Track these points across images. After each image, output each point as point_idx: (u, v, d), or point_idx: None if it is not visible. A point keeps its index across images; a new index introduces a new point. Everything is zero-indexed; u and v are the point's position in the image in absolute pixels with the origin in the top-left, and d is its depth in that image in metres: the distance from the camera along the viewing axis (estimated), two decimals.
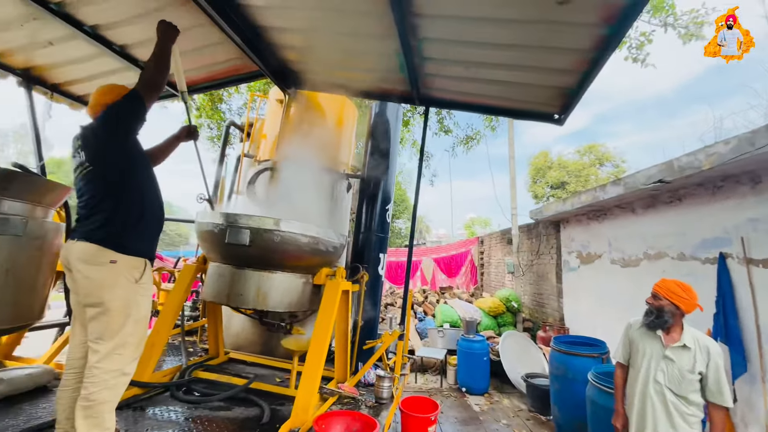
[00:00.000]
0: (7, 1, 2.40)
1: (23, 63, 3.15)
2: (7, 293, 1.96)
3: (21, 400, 2.18)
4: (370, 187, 3.88)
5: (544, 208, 7.12)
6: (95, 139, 1.80)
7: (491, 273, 10.94)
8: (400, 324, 3.43)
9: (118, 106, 1.83)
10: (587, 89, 2.69)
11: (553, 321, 6.97)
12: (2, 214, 1.91)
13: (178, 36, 2.13)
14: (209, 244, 2.55)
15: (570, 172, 23.18)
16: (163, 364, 3.08)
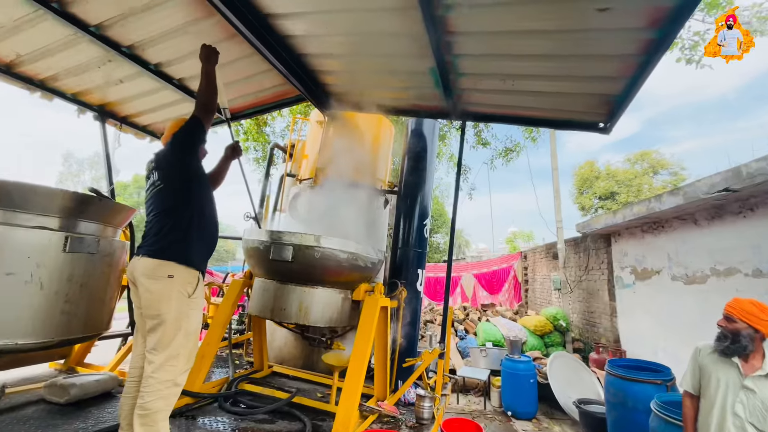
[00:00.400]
0: (90, 48, 2.76)
1: (99, 100, 3.57)
2: (82, 306, 2.18)
3: (90, 405, 2.38)
4: (407, 203, 3.90)
5: (592, 220, 6.73)
6: (165, 160, 2.06)
7: (536, 290, 10.42)
8: (440, 342, 3.35)
9: (181, 130, 2.11)
10: (635, 95, 2.55)
11: (607, 342, 6.46)
12: (79, 234, 2.15)
13: (218, 56, 2.34)
14: (255, 260, 2.68)
15: (620, 181, 21.78)
16: (212, 375, 3.23)
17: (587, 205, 22.73)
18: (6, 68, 2.96)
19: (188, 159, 2.07)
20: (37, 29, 2.58)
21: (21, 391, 2.46)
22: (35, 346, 1.96)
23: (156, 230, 1.91)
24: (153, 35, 2.69)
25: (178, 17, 2.53)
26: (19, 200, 1.94)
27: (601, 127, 3.06)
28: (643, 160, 22.37)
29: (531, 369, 5.33)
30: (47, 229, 2.01)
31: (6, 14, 2.44)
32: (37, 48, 2.77)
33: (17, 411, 2.19)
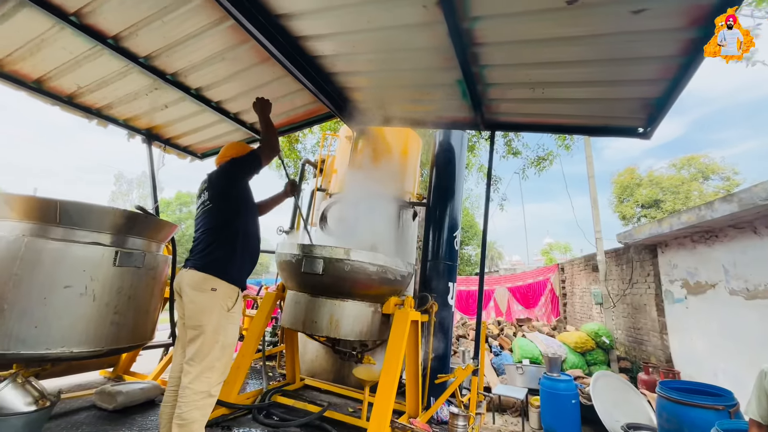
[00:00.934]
0: (139, 77, 3.00)
1: (146, 124, 3.86)
2: (129, 317, 2.31)
3: (134, 412, 2.50)
4: (436, 214, 3.87)
5: (635, 230, 6.34)
6: (217, 182, 2.19)
7: (575, 304, 9.89)
8: (474, 358, 3.24)
9: (241, 160, 2.25)
10: (677, 98, 2.42)
11: (657, 362, 5.98)
12: (127, 249, 2.31)
13: (271, 106, 2.53)
14: (287, 273, 2.74)
15: (665, 188, 20.45)
16: (246, 386, 3.30)
17: (629, 214, 21.47)
18: (68, 99, 3.27)
19: (239, 186, 2.22)
20: (94, 63, 2.85)
21: (75, 397, 2.63)
22: (87, 354, 2.10)
23: (203, 246, 2.03)
24: (194, 62, 2.89)
25: (216, 45, 2.71)
26: (77, 219, 2.12)
27: (640, 132, 2.92)
28: (690, 165, 20.92)
29: (572, 388, 5.01)
30: (100, 244, 2.18)
31: (69, 52, 2.71)
32: (95, 80, 3.05)
33: (71, 416, 2.34)
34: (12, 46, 2.63)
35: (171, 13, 2.39)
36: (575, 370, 6.36)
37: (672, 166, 21.64)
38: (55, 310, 1.97)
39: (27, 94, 3.08)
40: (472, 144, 9.90)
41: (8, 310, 1.87)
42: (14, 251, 1.93)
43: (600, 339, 6.86)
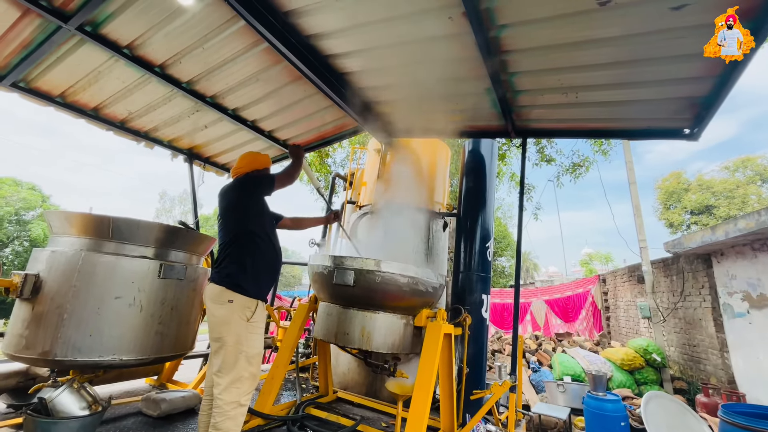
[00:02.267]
0: (182, 101, 3.22)
1: (188, 144, 4.11)
2: (173, 327, 2.43)
3: (176, 419, 2.59)
4: (467, 225, 3.80)
5: (685, 238, 5.90)
6: (230, 197, 2.23)
7: (619, 318, 9.27)
8: (511, 373, 3.10)
9: (255, 181, 2.28)
10: (727, 94, 2.26)
11: (718, 382, 5.45)
12: (171, 262, 2.44)
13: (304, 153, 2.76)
14: (319, 285, 2.78)
15: (717, 193, 18.98)
16: (280, 398, 3.34)
17: (676, 221, 20.06)
18: (121, 124, 3.56)
19: (249, 203, 2.22)
20: (143, 90, 3.09)
21: (123, 403, 2.77)
22: (135, 362, 2.22)
23: (220, 260, 2.10)
24: (231, 85, 3.07)
25: (251, 67, 2.86)
26: (127, 233, 2.27)
27: (687, 134, 2.75)
28: (745, 167, 19.33)
29: (621, 409, 4.66)
30: (146, 258, 2.32)
31: (122, 81, 2.96)
32: (143, 105, 3.30)
33: (119, 422, 2.47)
34: (74, 78, 2.91)
35: (211, 40, 2.56)
36: (623, 390, 5.92)
37: (725, 168, 20.11)
38: (107, 319, 2.11)
39: (86, 121, 3.38)
40: (503, 152, 9.71)
41: (67, 319, 2.02)
42: (74, 264, 2.10)
43: (650, 356, 6.37)
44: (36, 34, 2.46)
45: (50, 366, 2.11)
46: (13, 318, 2.13)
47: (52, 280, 2.10)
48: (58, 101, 3.14)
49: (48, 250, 2.19)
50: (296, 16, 2.35)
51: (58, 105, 3.16)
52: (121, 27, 2.44)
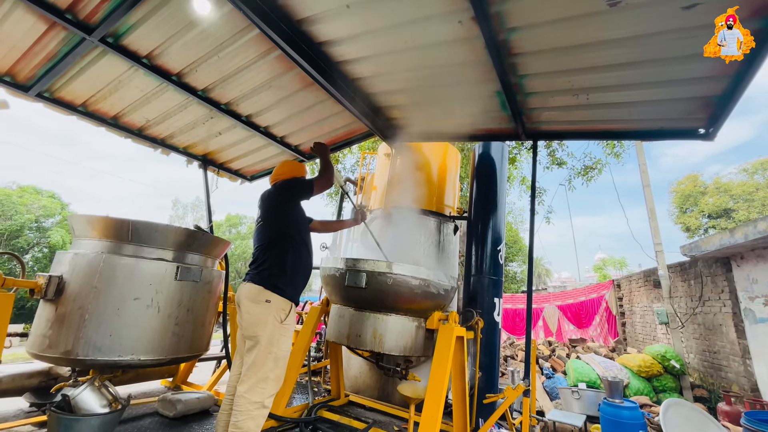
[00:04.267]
0: (198, 108, 3.31)
1: (202, 151, 4.20)
2: (188, 328, 2.48)
3: (191, 420, 2.63)
4: (478, 228, 3.79)
5: (703, 242, 5.76)
6: (270, 202, 2.32)
7: (635, 323, 9.06)
8: (525, 378, 3.06)
9: (294, 186, 2.37)
10: (743, 93, 2.23)
11: (741, 390, 5.27)
12: (187, 265, 2.49)
13: (329, 149, 2.73)
14: (331, 287, 2.80)
15: (735, 196, 18.51)
16: (292, 401, 3.36)
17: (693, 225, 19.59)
18: (138, 132, 3.67)
19: (288, 207, 2.32)
20: (161, 99, 3.19)
21: (140, 404, 2.83)
22: (152, 362, 2.27)
23: (259, 262, 2.16)
24: (245, 92, 3.14)
25: (264, 74, 2.93)
26: (145, 236, 2.34)
27: (702, 134, 2.71)
28: (765, 170, 18.82)
29: (639, 417, 4.53)
30: (164, 260, 2.37)
31: (141, 90, 3.06)
32: (160, 113, 3.40)
33: (137, 421, 2.52)
34: (96, 88, 3.02)
35: (226, 48, 2.63)
36: (641, 397, 5.78)
37: (743, 171, 19.61)
38: (126, 320, 2.16)
39: (106, 129, 3.50)
40: (513, 156, 9.66)
41: (89, 319, 2.08)
42: (95, 266, 2.16)
43: (668, 363, 6.20)
44: (61, 46, 2.57)
45: (72, 365, 2.17)
46: (37, 319, 2.20)
47: (75, 282, 2.16)
48: (80, 110, 3.26)
49: (71, 252, 2.27)
50: (308, 23, 2.41)
51: (80, 114, 3.28)
52: (141, 38, 2.54)
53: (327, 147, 2.70)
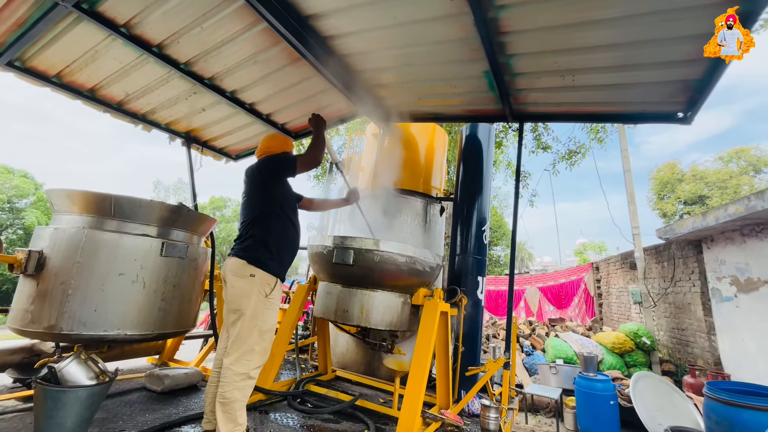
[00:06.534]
0: (180, 82, 3.20)
1: (186, 127, 4.09)
2: (174, 304, 2.48)
3: (179, 395, 2.67)
4: (464, 209, 3.85)
5: (677, 225, 6.01)
6: (253, 177, 2.28)
7: (612, 304, 9.47)
8: (506, 352, 3.20)
9: (278, 162, 2.30)
10: (720, 78, 2.31)
11: (705, 364, 5.63)
12: (172, 240, 2.47)
13: (326, 123, 2.62)
14: (319, 265, 2.83)
15: (710, 183, 19.21)
16: (280, 376, 3.42)
17: (670, 211, 20.31)
18: (118, 106, 3.54)
19: (271, 184, 2.27)
20: (141, 71, 3.07)
21: (127, 379, 2.84)
22: (139, 337, 2.27)
23: (243, 237, 2.15)
24: (229, 66, 3.05)
25: (249, 48, 2.84)
26: (129, 212, 2.30)
27: (680, 117, 2.80)
28: (739, 158, 19.54)
29: (610, 389, 4.81)
30: (148, 236, 2.35)
31: (119, 61, 2.94)
32: (141, 87, 3.28)
33: (125, 396, 2.53)
34: (71, 58, 2.88)
35: (209, 19, 2.54)
36: (613, 371, 6.10)
37: (719, 159, 20.30)
38: (111, 295, 2.15)
39: (82, 102, 3.36)
40: (500, 140, 9.73)
41: (72, 294, 2.06)
42: (77, 241, 2.13)
43: (640, 340, 6.55)
44: (32, 11, 2.43)
45: (56, 340, 2.16)
46: (17, 294, 2.17)
47: (56, 257, 2.13)
48: (54, 81, 3.12)
49: (51, 227, 2.22)
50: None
51: (54, 85, 3.13)
52: (118, 4, 2.42)
53: (323, 122, 2.60)
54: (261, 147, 2.42)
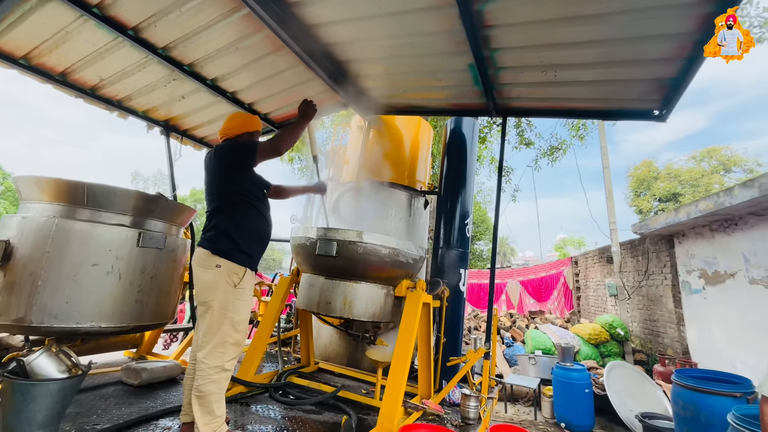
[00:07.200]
0: (158, 68, 3.09)
1: (164, 115, 3.97)
2: (152, 296, 2.42)
3: (158, 388, 2.61)
4: (447, 202, 3.88)
5: (651, 220, 6.23)
6: (215, 162, 2.14)
7: (589, 297, 9.77)
8: (486, 342, 3.26)
9: (234, 151, 2.11)
10: (693, 77, 2.39)
11: (674, 353, 5.89)
12: (149, 231, 2.40)
13: (315, 112, 2.38)
14: (302, 257, 2.81)
15: (684, 181, 19.94)
16: (262, 369, 3.40)
17: (645, 208, 21.01)
18: (91, 91, 3.40)
19: (230, 173, 2.11)
20: (115, 56, 2.95)
21: (102, 373, 2.76)
22: (114, 330, 2.21)
23: (208, 226, 2.07)
24: (209, 52, 2.96)
25: (230, 35, 2.76)
26: (103, 201, 2.22)
27: (656, 115, 2.88)
28: (711, 158, 20.33)
29: (585, 378, 4.99)
30: (124, 226, 2.28)
31: (92, 44, 2.81)
32: (116, 71, 3.15)
33: (99, 390, 2.47)
34: (39, 39, 2.74)
35: (188, 3, 2.45)
36: (589, 361, 6.31)
37: (692, 158, 21.07)
38: (84, 286, 2.08)
39: (53, 87, 3.21)
40: (484, 136, 9.83)
41: (42, 286, 1.99)
42: (46, 231, 2.04)
43: (614, 331, 6.79)
44: None
45: (26, 332, 2.08)
46: None
47: (24, 247, 2.04)
48: (22, 63, 2.96)
49: (18, 216, 2.12)
50: None
51: (22, 67, 2.97)
52: None
53: (313, 110, 2.35)
54: (222, 127, 2.24)
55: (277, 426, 2.23)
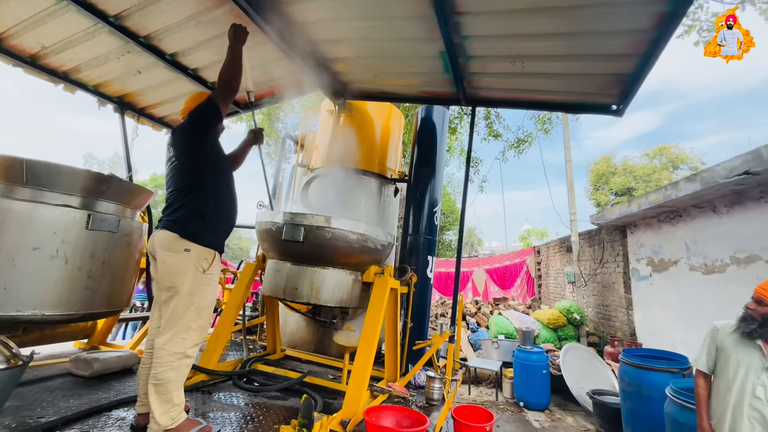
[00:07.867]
0: (110, 39, 2.85)
1: (118, 91, 3.69)
2: (104, 282, 2.27)
3: (111, 378, 2.48)
4: (417, 190, 3.92)
5: (607, 211, 6.61)
6: (179, 138, 2.04)
7: (549, 284, 10.29)
8: (451, 326, 3.36)
9: (198, 109, 2.04)
10: (648, 74, 2.52)
11: (623, 335, 6.35)
12: (100, 213, 2.24)
13: (247, 36, 2.27)
14: (268, 243, 2.74)
15: (637, 177, 21.26)
16: (226, 357, 3.31)
17: (603, 201, 22.25)
18: (32, 60, 3.09)
19: (200, 141, 2.03)
20: (59, 21, 2.69)
21: (49, 364, 2.58)
22: (60, 318, 2.06)
23: (174, 207, 1.94)
24: (168, 24, 2.77)
25: (190, 6, 2.59)
26: (46, 179, 2.04)
27: (613, 110, 3.02)
28: (661, 155, 21.79)
29: (543, 360, 5.28)
30: (71, 207, 2.11)
31: (31, 6, 2.55)
32: (61, 39, 2.88)
33: (45, 382, 2.31)
34: None
35: None
36: (547, 344, 6.67)
37: (645, 155, 22.47)
38: (24, 271, 1.92)
39: None
40: (454, 126, 9.96)
41: None
42: None
43: (571, 315, 7.20)
44: None
45: None
46: None
47: None
48: None
49: None
50: None
51: None
52: None
53: (243, 33, 2.21)
54: (183, 109, 2.19)
55: (240, 413, 2.19)
